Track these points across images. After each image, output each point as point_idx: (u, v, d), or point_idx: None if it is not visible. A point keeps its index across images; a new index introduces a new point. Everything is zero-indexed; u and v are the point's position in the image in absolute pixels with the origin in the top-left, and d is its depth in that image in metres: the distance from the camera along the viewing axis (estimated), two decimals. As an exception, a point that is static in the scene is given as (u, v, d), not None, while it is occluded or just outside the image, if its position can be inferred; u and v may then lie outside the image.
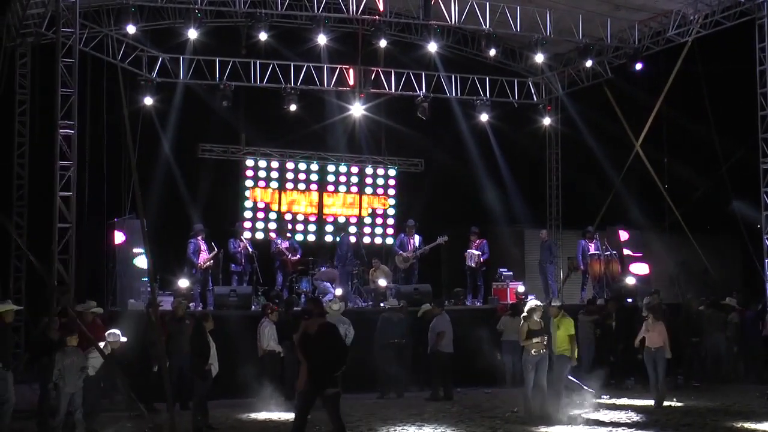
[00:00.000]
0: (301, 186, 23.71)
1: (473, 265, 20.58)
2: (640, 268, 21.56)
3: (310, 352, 10.31)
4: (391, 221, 24.47)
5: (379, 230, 24.33)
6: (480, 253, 20.53)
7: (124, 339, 13.58)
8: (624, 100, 23.14)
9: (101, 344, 13.15)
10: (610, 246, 20.86)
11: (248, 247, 19.47)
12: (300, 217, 23.57)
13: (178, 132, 21.87)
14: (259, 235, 22.65)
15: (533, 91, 24.86)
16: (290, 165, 23.68)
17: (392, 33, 21.47)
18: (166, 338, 14.22)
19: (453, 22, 19.90)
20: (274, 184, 23.39)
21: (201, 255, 18.68)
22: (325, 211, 23.85)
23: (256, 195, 23.21)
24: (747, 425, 13.12)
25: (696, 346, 18.12)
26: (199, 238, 18.79)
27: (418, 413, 14.32)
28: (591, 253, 20.65)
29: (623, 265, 21.06)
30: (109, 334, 13.53)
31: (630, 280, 20.79)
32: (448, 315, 16.84)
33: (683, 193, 23.56)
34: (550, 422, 13.19)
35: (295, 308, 17.02)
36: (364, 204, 24.30)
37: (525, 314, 13.79)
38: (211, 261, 18.75)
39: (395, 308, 17.05)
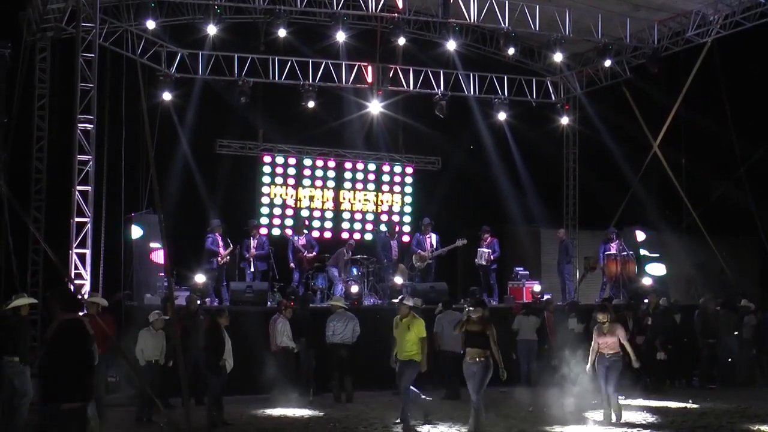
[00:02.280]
0: (318, 183, 23.77)
1: (483, 263, 20.55)
2: (657, 269, 21.48)
3: (46, 355, 8.68)
4: (407, 219, 24.49)
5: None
6: (490, 251, 20.49)
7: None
8: (642, 100, 23.03)
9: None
10: (627, 246, 20.80)
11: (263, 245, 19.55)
12: (317, 214, 23.62)
13: (196, 127, 21.98)
14: (276, 232, 22.73)
15: (551, 91, 24.84)
16: (307, 161, 23.73)
17: (411, 31, 21.47)
18: (181, 333, 14.25)
19: (472, 20, 19.87)
20: (291, 181, 23.45)
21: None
22: (342, 207, 23.89)
23: (273, 191, 23.27)
24: (764, 428, 13.02)
25: (712, 348, 18.03)
26: (217, 233, 18.87)
27: (432, 411, 14.29)
28: (608, 253, 20.61)
29: (639, 265, 20.98)
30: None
31: (646, 281, 20.70)
32: (455, 314, 16.78)
33: (701, 194, 23.44)
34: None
35: (310, 305, 17.10)
36: (381, 201, 24.32)
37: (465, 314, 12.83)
38: (227, 257, 18.81)
39: (417, 308, 16.95)
